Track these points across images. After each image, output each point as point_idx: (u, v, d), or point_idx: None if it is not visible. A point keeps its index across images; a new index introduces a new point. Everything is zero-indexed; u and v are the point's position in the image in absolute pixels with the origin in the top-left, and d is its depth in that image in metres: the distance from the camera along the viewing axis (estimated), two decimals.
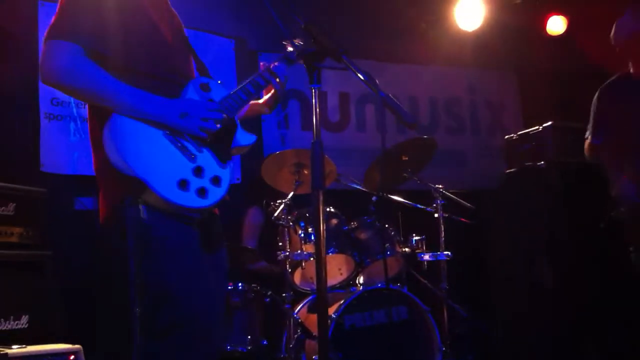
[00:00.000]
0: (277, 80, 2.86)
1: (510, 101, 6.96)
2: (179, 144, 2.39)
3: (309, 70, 2.39)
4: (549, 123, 5.31)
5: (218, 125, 2.49)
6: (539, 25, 6.47)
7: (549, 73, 6.45)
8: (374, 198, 4.62)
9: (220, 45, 5.73)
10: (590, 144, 4.23)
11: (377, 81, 2.38)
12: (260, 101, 3.01)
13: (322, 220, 2.33)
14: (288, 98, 6.03)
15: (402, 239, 4.51)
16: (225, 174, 2.50)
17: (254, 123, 5.59)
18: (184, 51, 2.72)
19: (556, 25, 6.44)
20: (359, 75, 2.35)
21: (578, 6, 6.23)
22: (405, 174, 4.65)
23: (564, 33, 6.44)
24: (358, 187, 4.74)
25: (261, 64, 2.91)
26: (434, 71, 6.65)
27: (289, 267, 4.23)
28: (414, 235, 4.52)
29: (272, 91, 2.96)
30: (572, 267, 4.80)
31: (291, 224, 4.28)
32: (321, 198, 2.32)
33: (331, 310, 4.02)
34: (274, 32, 2.59)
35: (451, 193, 4.65)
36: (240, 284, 4.25)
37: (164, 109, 2.38)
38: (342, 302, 4.04)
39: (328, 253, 4.25)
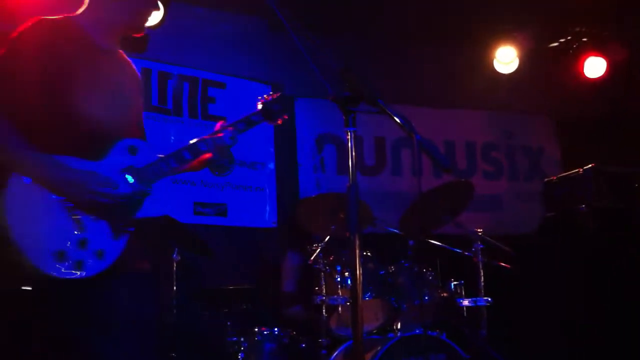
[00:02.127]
0: (219, 148, 2.72)
1: (548, 145, 6.89)
2: (74, 214, 2.39)
3: (345, 114, 2.39)
4: (590, 166, 5.23)
5: (105, 200, 2.43)
6: (576, 68, 6.44)
7: (587, 117, 6.39)
8: (410, 242, 4.56)
9: (256, 91, 5.81)
10: None
11: (412, 124, 2.38)
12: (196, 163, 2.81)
13: (359, 264, 2.31)
14: (324, 142, 6.07)
15: (440, 284, 4.43)
16: (115, 247, 2.44)
17: None
18: (125, 106, 2.66)
19: (595, 68, 6.39)
20: (395, 118, 2.35)
21: (617, 49, 6.19)
22: (442, 218, 4.60)
23: (602, 76, 6.39)
24: (395, 231, 4.70)
25: (217, 126, 2.79)
26: (471, 116, 6.64)
27: (325, 312, 4.19)
28: (452, 280, 4.44)
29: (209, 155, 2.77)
30: (612, 315, 4.68)
31: (327, 268, 4.25)
32: (357, 242, 2.30)
33: (367, 357, 3.94)
34: (310, 77, 2.61)
35: (489, 237, 4.58)
36: (275, 329, 4.21)
37: (59, 178, 2.36)
38: (379, 348, 3.97)
39: (364, 298, 4.20)
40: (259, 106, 2.91)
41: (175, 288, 4.25)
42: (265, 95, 2.95)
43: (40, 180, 2.36)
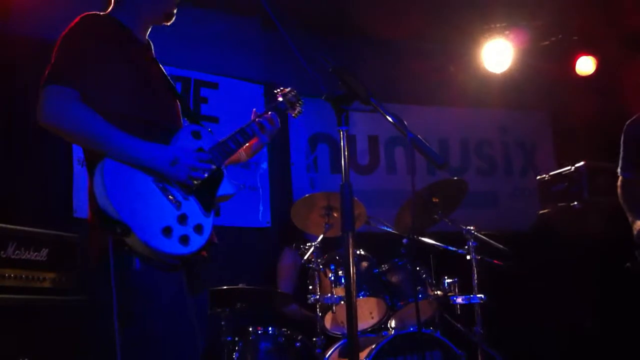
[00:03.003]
0: (264, 131, 2.94)
1: (542, 142, 6.91)
2: (166, 191, 2.44)
3: (337, 113, 2.39)
4: (582, 163, 5.26)
5: (206, 175, 2.55)
6: (568, 65, 6.46)
7: (580, 113, 6.40)
8: (405, 240, 4.57)
9: (249, 91, 5.81)
10: (620, 179, 4.19)
11: (405, 123, 2.38)
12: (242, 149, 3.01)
13: (353, 263, 2.31)
14: (317, 142, 6.08)
15: (434, 281, 4.44)
16: (208, 223, 2.53)
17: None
18: (170, 98, 2.78)
19: (585, 65, 6.43)
20: (388, 117, 2.35)
21: (607, 47, 6.21)
22: (436, 216, 4.61)
23: (593, 73, 6.42)
24: (389, 229, 4.71)
25: (253, 112, 3.01)
26: (464, 113, 6.65)
27: (320, 311, 4.19)
28: (446, 277, 4.45)
29: (255, 140, 3.00)
30: (607, 311, 4.70)
31: (321, 267, 4.26)
32: (351, 241, 2.30)
33: (362, 355, 3.95)
34: (303, 77, 2.62)
35: (483, 234, 4.59)
36: (270, 328, 4.21)
37: (154, 155, 2.44)
38: (373, 346, 3.98)
39: (359, 296, 4.20)
40: (279, 98, 3.16)
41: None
42: (281, 89, 3.22)
43: (136, 161, 2.40)
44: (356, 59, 5.94)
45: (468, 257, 4.44)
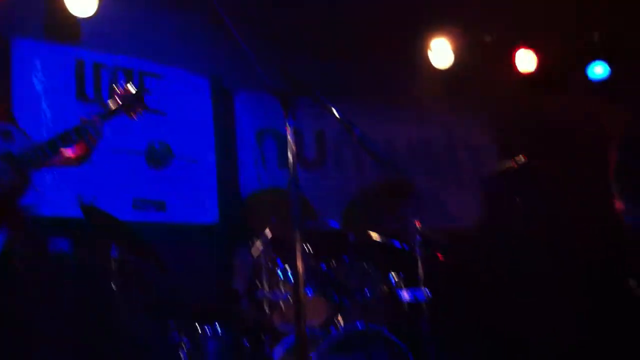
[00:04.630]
0: (90, 136, 2.78)
1: (487, 140, 7.01)
2: None
3: (284, 108, 2.38)
4: (524, 161, 5.38)
5: None
6: (510, 62, 6.55)
7: (523, 110, 6.52)
8: (351, 237, 4.58)
9: (195, 83, 5.74)
10: None
11: (352, 121, 2.38)
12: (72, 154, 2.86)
13: (300, 259, 2.30)
14: (264, 137, 6.04)
15: (380, 277, 4.46)
16: None
17: None
18: None
19: (526, 61, 6.51)
20: (335, 114, 2.34)
21: (548, 43, 6.33)
22: (382, 213, 4.64)
23: (535, 70, 6.52)
24: (336, 226, 4.71)
25: (81, 118, 2.84)
26: (410, 113, 6.70)
27: (268, 308, 4.17)
28: (392, 273, 4.49)
29: (83, 145, 2.84)
30: (549, 303, 4.82)
31: (269, 263, 4.23)
32: (299, 238, 2.29)
33: (310, 352, 3.93)
34: (250, 71, 2.58)
35: (429, 231, 4.64)
36: (219, 328, 4.17)
37: None
38: (321, 343, 3.97)
39: (306, 293, 4.19)
40: (117, 98, 2.96)
41: (115, 289, 4.15)
42: (121, 89, 3.00)
43: None
44: (304, 55, 5.91)
45: (414, 253, 4.50)
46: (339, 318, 4.52)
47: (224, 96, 5.83)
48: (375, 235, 4.65)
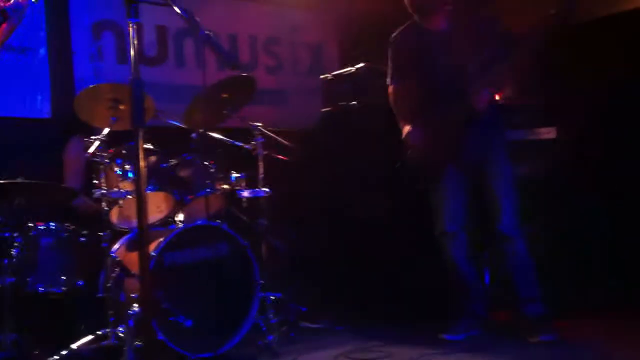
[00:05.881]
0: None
1: (329, 43, 7.13)
2: None
3: (127, 4, 2.31)
4: (362, 65, 5.57)
5: None
6: None
7: (365, 15, 6.66)
8: (194, 135, 4.59)
9: None
10: (390, 88, 4.55)
11: (197, 19, 2.37)
12: None
13: (142, 157, 2.31)
14: (102, 29, 5.75)
15: (222, 176, 4.55)
16: None
17: None
18: None
19: None
20: (179, 12, 2.32)
21: None
22: (225, 112, 4.67)
23: None
24: (178, 124, 4.69)
25: None
26: (254, 9, 6.63)
27: (106, 206, 4.13)
28: (233, 172, 4.58)
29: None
30: (382, 204, 5.16)
31: (107, 161, 4.16)
32: (141, 135, 2.29)
33: (150, 248, 4.00)
34: None
35: (270, 131, 4.75)
36: (52, 223, 4.09)
37: None
38: (161, 239, 4.03)
39: (147, 191, 4.18)
40: None
41: None
42: None
43: None
44: None
45: (255, 152, 4.60)
46: (180, 215, 4.59)
47: None
48: (217, 134, 4.69)
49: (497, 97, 4.26)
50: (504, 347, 4.03)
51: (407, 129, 4.41)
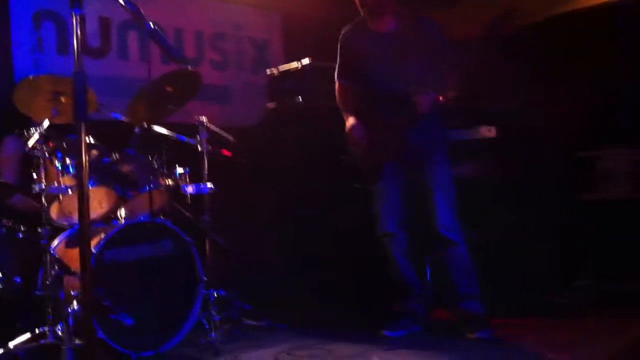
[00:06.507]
0: None
1: (273, 40, 7.12)
2: None
3: None
4: (307, 62, 5.59)
5: None
6: None
7: (311, 14, 6.69)
8: (137, 130, 4.52)
9: None
10: (337, 84, 4.60)
11: (142, 12, 2.33)
12: None
13: (85, 152, 2.27)
14: (42, 19, 5.59)
15: (165, 171, 4.50)
16: None
17: None
18: None
19: None
20: (124, 4, 2.28)
21: None
22: (170, 106, 4.61)
23: None
24: (120, 117, 4.61)
25: None
26: (200, 4, 6.57)
27: (45, 201, 4.03)
28: (177, 167, 4.54)
29: None
30: (326, 201, 5.20)
31: (47, 155, 4.05)
32: (84, 129, 2.25)
33: (92, 245, 3.92)
34: None
35: (215, 127, 4.71)
36: None
37: None
38: (102, 236, 3.97)
39: (88, 186, 4.09)
40: None
41: None
42: None
43: None
44: None
45: (199, 148, 4.56)
46: (122, 211, 4.51)
47: None
48: (160, 129, 4.63)
49: (439, 99, 4.34)
50: (442, 344, 4.12)
51: (350, 120, 4.45)
